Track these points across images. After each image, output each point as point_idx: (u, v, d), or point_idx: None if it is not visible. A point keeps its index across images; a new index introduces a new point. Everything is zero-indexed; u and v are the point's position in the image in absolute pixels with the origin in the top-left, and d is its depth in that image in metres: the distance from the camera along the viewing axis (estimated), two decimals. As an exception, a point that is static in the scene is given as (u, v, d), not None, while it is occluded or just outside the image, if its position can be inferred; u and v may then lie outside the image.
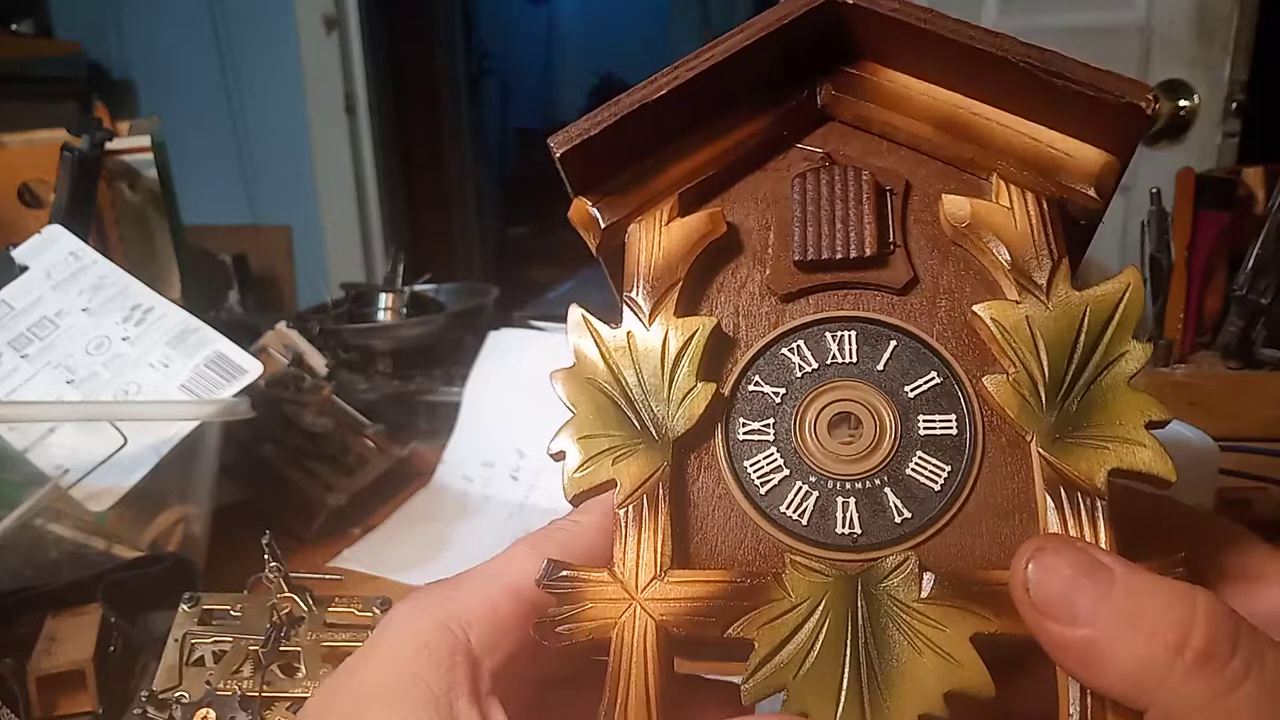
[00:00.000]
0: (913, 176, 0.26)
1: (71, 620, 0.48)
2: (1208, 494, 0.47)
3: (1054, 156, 0.24)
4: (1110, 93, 0.22)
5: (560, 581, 0.23)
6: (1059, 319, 0.23)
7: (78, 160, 0.70)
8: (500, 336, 0.80)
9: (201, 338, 0.58)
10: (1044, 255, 0.24)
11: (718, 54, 0.24)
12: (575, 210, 0.26)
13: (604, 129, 0.25)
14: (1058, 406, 0.22)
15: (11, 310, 0.59)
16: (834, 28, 0.25)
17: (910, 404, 0.24)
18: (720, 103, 0.26)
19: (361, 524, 0.69)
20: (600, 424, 0.24)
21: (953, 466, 0.24)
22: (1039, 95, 0.23)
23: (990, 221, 0.24)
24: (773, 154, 0.27)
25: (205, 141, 2.17)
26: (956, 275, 0.25)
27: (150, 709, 0.41)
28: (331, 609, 0.43)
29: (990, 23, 1.31)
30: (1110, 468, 0.22)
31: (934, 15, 0.24)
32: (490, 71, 3.79)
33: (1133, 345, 0.23)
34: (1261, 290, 0.76)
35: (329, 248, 2.37)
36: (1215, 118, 1.08)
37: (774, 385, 0.25)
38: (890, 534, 0.23)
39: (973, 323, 0.24)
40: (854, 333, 0.25)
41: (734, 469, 0.24)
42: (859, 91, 0.26)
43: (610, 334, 0.25)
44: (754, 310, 0.26)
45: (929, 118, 0.25)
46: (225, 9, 2.26)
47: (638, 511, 0.23)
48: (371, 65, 2.31)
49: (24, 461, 0.53)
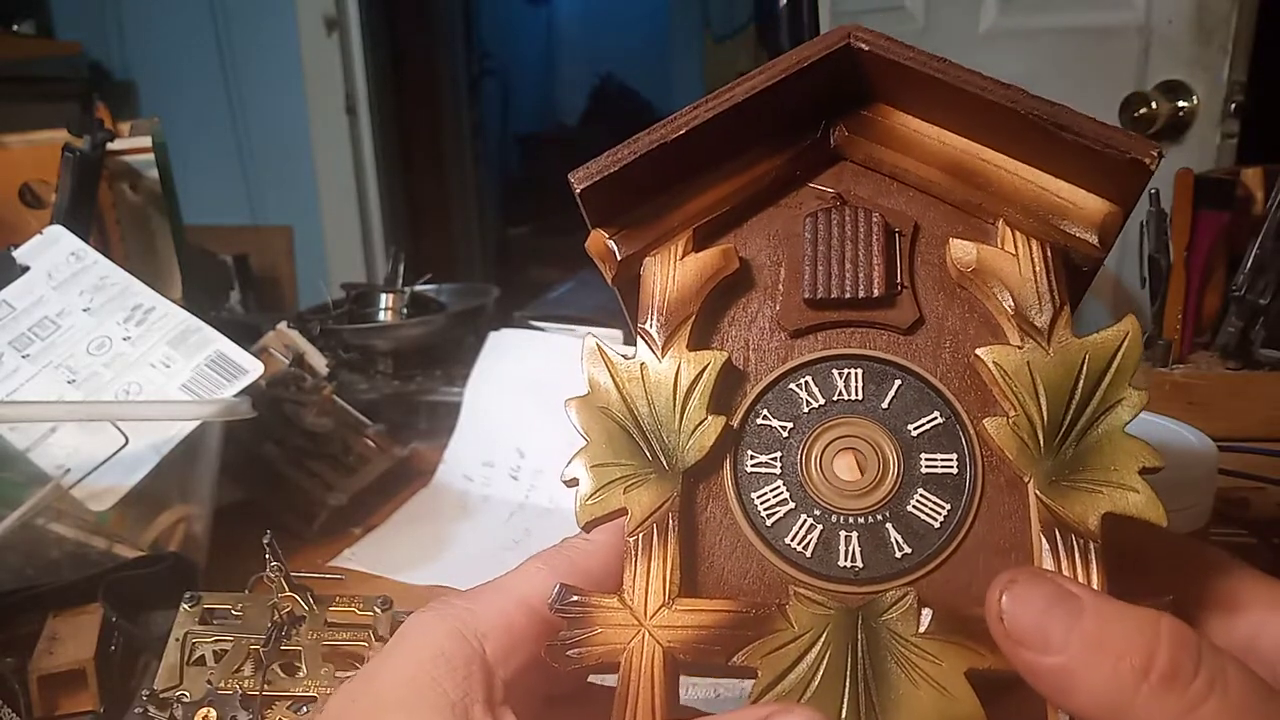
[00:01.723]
0: (921, 218, 0.26)
1: (73, 619, 0.48)
2: (1207, 494, 0.47)
3: (1059, 204, 0.25)
4: (1115, 148, 0.23)
5: (571, 606, 0.24)
6: (1059, 365, 0.24)
7: (79, 161, 0.70)
8: (500, 336, 0.81)
9: (202, 338, 0.58)
10: (1046, 302, 0.24)
11: (738, 94, 0.25)
12: (593, 242, 0.27)
13: (624, 166, 0.25)
14: (1055, 450, 0.23)
15: (13, 310, 0.59)
16: (850, 71, 0.26)
17: (913, 442, 0.25)
18: (737, 141, 0.26)
19: (362, 524, 0.69)
20: (612, 453, 0.25)
21: (952, 505, 0.24)
22: (1046, 145, 0.24)
23: (995, 267, 0.25)
24: (786, 191, 0.27)
25: (206, 142, 2.17)
26: (961, 317, 0.26)
27: (151, 708, 0.41)
28: (332, 608, 0.44)
29: (990, 23, 1.31)
30: (1104, 512, 0.22)
31: (947, 65, 0.24)
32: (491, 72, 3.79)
33: (1129, 392, 0.23)
34: (1260, 290, 0.76)
35: (329, 248, 2.37)
36: (1214, 118, 1.08)
37: (782, 419, 0.26)
38: (891, 568, 0.24)
39: (975, 365, 0.25)
40: (860, 371, 0.26)
41: (741, 500, 0.25)
42: (871, 133, 0.27)
43: (624, 364, 0.26)
44: (764, 344, 0.26)
45: (939, 162, 0.26)
46: (226, 10, 2.26)
47: (648, 540, 0.24)
48: (372, 66, 2.31)
49: (25, 461, 0.53)
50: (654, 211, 0.27)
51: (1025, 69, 1.27)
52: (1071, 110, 0.23)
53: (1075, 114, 0.23)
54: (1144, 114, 1.11)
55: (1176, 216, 0.79)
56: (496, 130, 4.03)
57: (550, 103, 4.61)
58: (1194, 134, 1.11)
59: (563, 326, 0.82)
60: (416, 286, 1.01)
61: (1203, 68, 1.08)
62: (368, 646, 0.43)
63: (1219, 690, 0.18)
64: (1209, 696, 0.18)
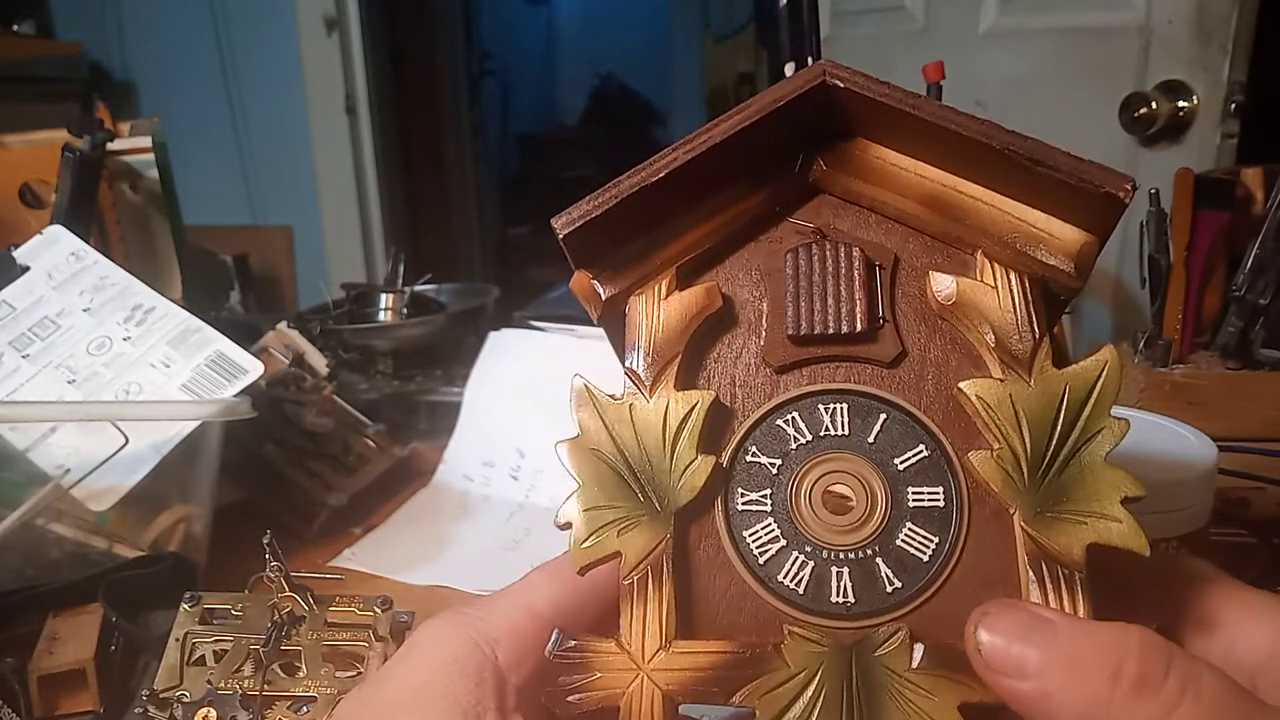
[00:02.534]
0: (901, 250, 0.27)
1: (73, 620, 0.48)
2: (1206, 494, 0.47)
3: (1036, 235, 0.25)
4: (1089, 182, 0.24)
5: (569, 652, 0.24)
6: (1040, 396, 0.24)
7: (79, 161, 0.70)
8: (500, 336, 0.81)
9: (202, 338, 0.58)
10: (1026, 334, 0.25)
11: (715, 136, 0.25)
12: (577, 282, 0.28)
13: (605, 210, 0.26)
14: (1039, 482, 0.24)
15: (13, 310, 0.59)
16: (826, 107, 0.26)
17: (900, 476, 0.25)
18: (716, 179, 0.27)
19: (362, 523, 0.69)
20: (604, 496, 0.25)
21: (940, 538, 0.25)
22: (1022, 178, 0.25)
23: (975, 300, 0.25)
24: (766, 227, 0.28)
25: (206, 142, 2.18)
26: (943, 349, 0.26)
27: (151, 708, 0.41)
28: (332, 608, 0.44)
29: (990, 23, 1.31)
30: (1088, 543, 0.23)
31: (922, 101, 0.25)
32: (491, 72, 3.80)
33: (1110, 421, 0.24)
34: (1260, 290, 0.76)
35: (330, 248, 2.37)
36: (1214, 118, 1.08)
37: (770, 456, 0.26)
38: (882, 603, 0.24)
39: (958, 398, 0.25)
40: (846, 405, 0.26)
41: (733, 539, 0.25)
42: (849, 168, 0.27)
43: (612, 405, 0.26)
44: (750, 381, 0.27)
45: (917, 195, 0.26)
46: (226, 10, 2.26)
47: (642, 583, 0.24)
48: (372, 66, 2.31)
49: (25, 461, 0.53)
50: (636, 251, 0.27)
51: (1025, 69, 1.27)
52: (1046, 145, 0.24)
53: (1050, 148, 0.24)
54: (1144, 114, 1.11)
55: (1176, 216, 0.79)
56: (496, 130, 4.03)
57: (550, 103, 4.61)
58: (1194, 134, 1.11)
59: (563, 326, 0.82)
60: (416, 286, 1.01)
61: (1203, 68, 1.08)
62: (368, 646, 0.43)
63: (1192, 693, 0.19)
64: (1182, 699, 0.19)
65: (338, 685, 0.41)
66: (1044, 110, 1.24)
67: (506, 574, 0.68)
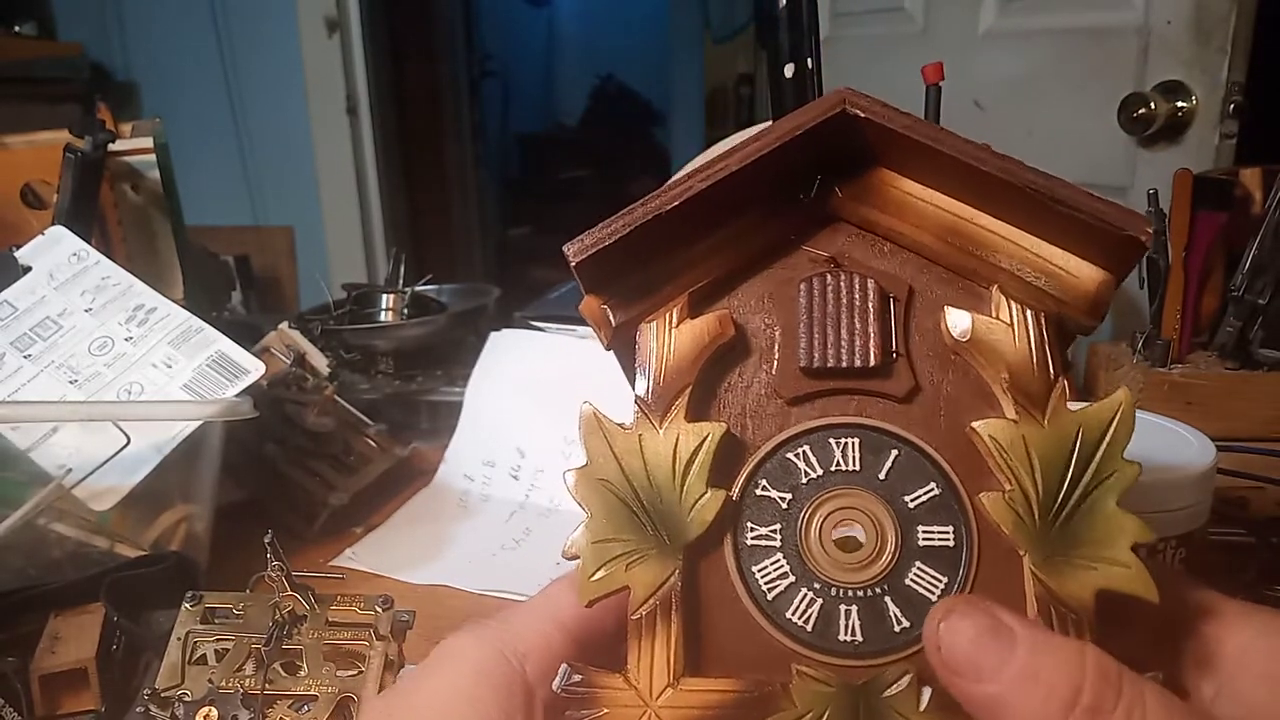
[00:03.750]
0: (916, 282, 0.26)
1: (74, 619, 0.48)
2: (1205, 494, 0.47)
3: (1053, 272, 0.25)
4: (1110, 224, 0.23)
5: (577, 688, 0.24)
6: (1054, 438, 0.24)
7: (80, 161, 0.70)
8: (501, 337, 0.81)
9: (204, 338, 0.59)
10: (1041, 374, 0.24)
11: (732, 164, 0.25)
12: (587, 308, 0.27)
13: (618, 239, 0.25)
14: (1050, 525, 0.23)
15: (14, 311, 0.59)
16: (845, 136, 0.25)
17: (910, 514, 0.25)
18: (731, 206, 0.26)
19: (363, 523, 0.70)
20: (612, 528, 0.25)
21: (949, 578, 0.24)
22: (1042, 215, 0.24)
23: (990, 338, 0.25)
24: (779, 255, 0.27)
25: (208, 143, 2.18)
26: (956, 385, 0.26)
27: (153, 707, 0.41)
28: (333, 608, 0.44)
29: (989, 24, 1.31)
30: (1097, 588, 0.23)
31: (944, 134, 0.24)
32: (491, 73, 3.80)
33: (1122, 465, 0.24)
34: (1259, 290, 0.77)
35: (331, 248, 2.38)
36: (1213, 119, 1.08)
37: (781, 490, 0.26)
38: (890, 642, 0.24)
39: (970, 437, 0.25)
40: (858, 440, 0.26)
41: (742, 574, 0.25)
42: (865, 197, 0.27)
43: (621, 435, 0.26)
44: (761, 411, 0.26)
45: (933, 226, 0.26)
46: (227, 11, 2.27)
47: (650, 618, 0.24)
48: (373, 67, 2.31)
49: (27, 461, 0.53)
50: (649, 278, 0.27)
51: (1024, 69, 1.27)
52: (1067, 183, 0.24)
53: (1071, 187, 0.23)
54: (1142, 114, 1.11)
55: (1175, 217, 0.79)
56: (497, 131, 4.04)
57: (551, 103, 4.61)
58: (1192, 134, 1.11)
59: (563, 326, 0.82)
60: (417, 287, 1.01)
61: (1201, 68, 1.08)
62: (369, 645, 0.43)
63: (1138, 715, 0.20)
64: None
65: (339, 684, 0.41)
66: (1043, 111, 1.24)
67: (507, 574, 0.68)
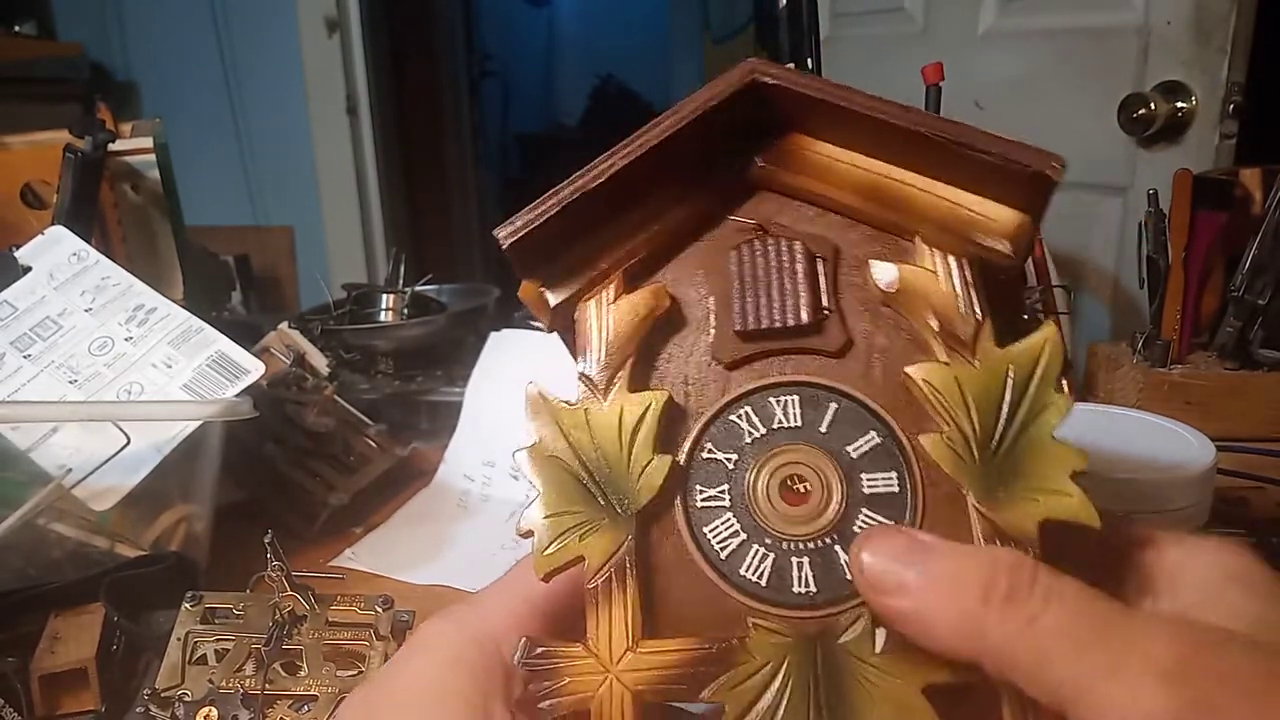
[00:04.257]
0: (841, 241, 0.27)
1: (74, 619, 0.48)
2: (1205, 494, 0.47)
3: (971, 218, 0.25)
4: (1018, 162, 0.24)
5: (538, 659, 0.24)
6: (986, 377, 0.24)
7: (80, 161, 0.71)
8: (501, 337, 0.81)
9: (204, 338, 0.59)
10: (969, 316, 0.25)
11: (651, 139, 0.26)
12: (524, 291, 0.28)
13: (547, 219, 0.26)
14: (990, 461, 0.24)
15: (14, 311, 0.59)
16: (760, 105, 0.26)
17: (853, 464, 0.25)
18: (656, 180, 0.27)
19: (363, 523, 0.70)
20: (564, 501, 0.25)
21: (897, 522, 0.25)
22: (954, 163, 0.25)
23: (916, 286, 0.25)
24: (708, 226, 0.28)
25: (208, 143, 2.18)
26: (888, 336, 0.26)
27: (153, 707, 0.41)
28: (333, 608, 0.44)
29: (989, 24, 1.31)
30: (1041, 518, 0.23)
31: (851, 93, 0.25)
32: (491, 73, 3.80)
33: (1055, 397, 0.24)
34: (1259, 291, 0.77)
35: (331, 248, 2.38)
36: (1213, 119, 1.08)
37: (726, 452, 0.26)
38: (843, 590, 0.24)
39: (905, 383, 0.25)
40: (796, 397, 0.26)
41: (694, 536, 0.26)
42: (786, 163, 0.27)
43: (568, 410, 0.26)
44: (702, 378, 0.27)
45: (853, 186, 0.27)
46: (227, 11, 2.27)
47: (607, 586, 0.25)
48: (373, 67, 2.31)
49: (27, 461, 0.53)
50: (581, 257, 0.27)
51: (1024, 69, 1.27)
52: (973, 128, 0.24)
53: (977, 132, 0.24)
54: (1142, 114, 1.11)
55: (1175, 217, 0.79)
56: (497, 131, 4.03)
57: (550, 103, 4.61)
58: (1192, 135, 1.11)
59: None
60: (417, 287, 1.01)
61: (1201, 68, 1.08)
62: (369, 645, 0.43)
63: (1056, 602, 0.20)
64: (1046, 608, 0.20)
65: (339, 684, 0.41)
66: (1043, 111, 1.24)
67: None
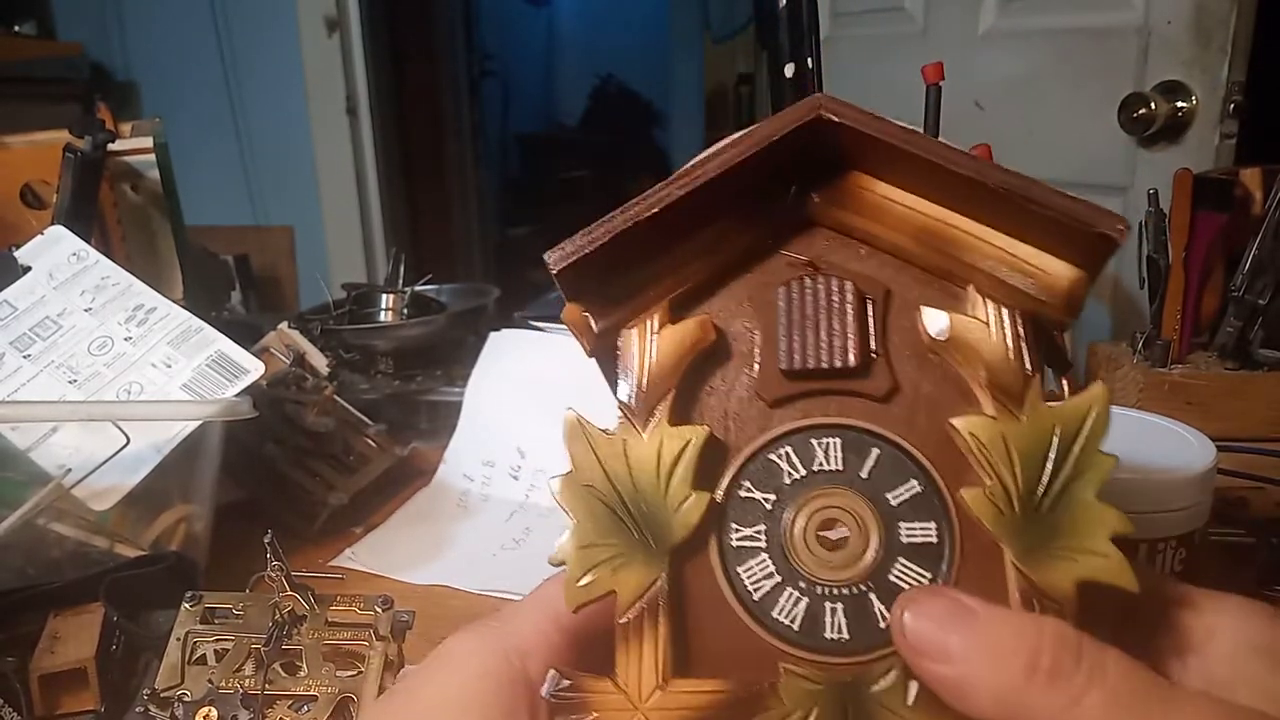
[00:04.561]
0: (893, 283, 0.27)
1: (74, 619, 0.48)
2: (1205, 494, 0.47)
3: (1028, 270, 0.25)
4: (1082, 221, 0.24)
5: (566, 693, 0.24)
6: (1032, 434, 0.24)
7: (80, 161, 0.70)
8: (501, 337, 0.81)
9: (203, 338, 0.59)
10: (1019, 371, 0.25)
11: (710, 171, 0.25)
12: (569, 315, 0.27)
13: (598, 246, 0.25)
14: (1030, 518, 0.24)
15: (14, 310, 0.59)
16: (820, 141, 0.26)
17: (893, 511, 0.25)
18: (709, 211, 0.26)
19: (363, 523, 0.70)
20: (598, 533, 0.25)
21: (933, 573, 0.25)
22: (1014, 215, 0.25)
23: (967, 336, 0.25)
24: (759, 259, 0.27)
25: (208, 142, 2.18)
26: (935, 384, 0.26)
27: (152, 707, 0.41)
28: (333, 608, 0.44)
29: (989, 24, 1.31)
30: (1078, 579, 0.23)
31: (916, 137, 0.24)
32: (491, 73, 3.80)
33: (1099, 458, 0.24)
34: (1259, 291, 0.77)
35: (330, 248, 2.38)
36: (1213, 119, 1.08)
37: (765, 491, 0.26)
38: (876, 639, 0.24)
39: (950, 434, 0.25)
40: (839, 440, 0.26)
41: (728, 575, 0.25)
42: (842, 200, 0.27)
43: (605, 440, 0.26)
44: (743, 414, 0.26)
45: (909, 228, 0.26)
46: (227, 10, 2.27)
47: (638, 621, 0.24)
48: (373, 67, 2.32)
49: (27, 461, 0.53)
50: (629, 284, 0.27)
51: (1024, 70, 1.27)
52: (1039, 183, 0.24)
53: (1043, 187, 0.24)
54: (1142, 114, 1.11)
55: (1175, 217, 0.79)
56: (497, 131, 4.03)
57: (550, 103, 4.61)
58: (1193, 134, 1.11)
59: (562, 326, 0.82)
60: (417, 287, 1.01)
61: (1201, 68, 1.08)
62: (368, 646, 0.43)
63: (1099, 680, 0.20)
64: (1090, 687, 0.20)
65: (339, 684, 0.41)
66: (1043, 111, 1.24)
67: (507, 574, 0.68)
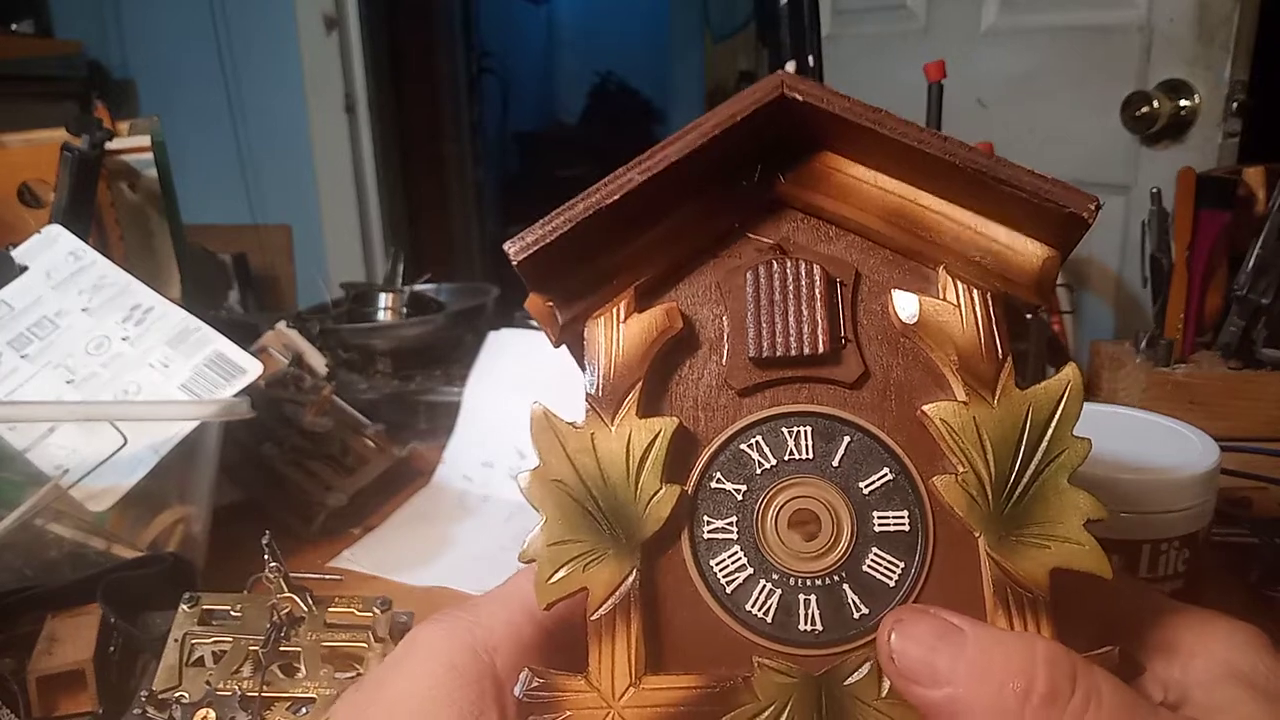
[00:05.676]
0: (862, 265, 0.26)
1: (71, 620, 0.48)
2: (1208, 494, 0.46)
3: (998, 251, 0.25)
4: (1053, 201, 0.23)
5: (539, 692, 0.24)
6: (1004, 418, 0.24)
7: (78, 160, 0.70)
8: (500, 336, 0.80)
9: (201, 337, 0.58)
10: (990, 355, 0.24)
11: (671, 154, 0.24)
12: (532, 304, 0.27)
13: (559, 235, 0.25)
14: (1003, 505, 0.23)
15: (11, 310, 0.59)
16: (785, 120, 0.25)
17: (865, 500, 0.25)
18: (673, 197, 0.26)
19: (361, 524, 0.69)
20: (568, 529, 0.25)
21: (906, 563, 0.24)
22: (985, 194, 0.24)
23: (938, 320, 0.25)
24: (725, 244, 0.27)
25: (205, 141, 2.17)
26: (906, 368, 0.25)
27: (150, 709, 0.41)
28: (331, 609, 0.43)
29: (991, 21, 1.31)
30: (1051, 567, 0.23)
31: (884, 116, 0.24)
32: (490, 71, 3.79)
33: (1073, 442, 0.24)
34: (1262, 290, 0.76)
35: (329, 247, 2.37)
36: (1216, 117, 1.08)
37: (735, 482, 0.25)
38: (849, 630, 0.24)
39: (922, 420, 0.25)
40: (810, 428, 0.25)
41: (700, 569, 0.25)
42: (809, 181, 0.26)
43: (573, 435, 0.25)
44: (712, 403, 0.26)
45: (878, 209, 0.26)
46: (226, 8, 2.26)
47: (610, 619, 0.24)
48: (371, 65, 2.31)
49: (24, 461, 0.53)
50: (593, 273, 0.26)
51: (1026, 67, 1.27)
52: (1008, 162, 0.23)
53: (1012, 166, 0.23)
54: (1145, 113, 1.11)
55: (1178, 216, 0.79)
56: (496, 129, 4.03)
57: (550, 101, 4.61)
58: (1196, 133, 1.10)
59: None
60: (416, 286, 1.01)
61: (1204, 66, 1.08)
62: (367, 647, 0.42)
63: (1094, 704, 0.20)
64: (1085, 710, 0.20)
65: (337, 686, 0.41)
66: (1045, 109, 1.23)
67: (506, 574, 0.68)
